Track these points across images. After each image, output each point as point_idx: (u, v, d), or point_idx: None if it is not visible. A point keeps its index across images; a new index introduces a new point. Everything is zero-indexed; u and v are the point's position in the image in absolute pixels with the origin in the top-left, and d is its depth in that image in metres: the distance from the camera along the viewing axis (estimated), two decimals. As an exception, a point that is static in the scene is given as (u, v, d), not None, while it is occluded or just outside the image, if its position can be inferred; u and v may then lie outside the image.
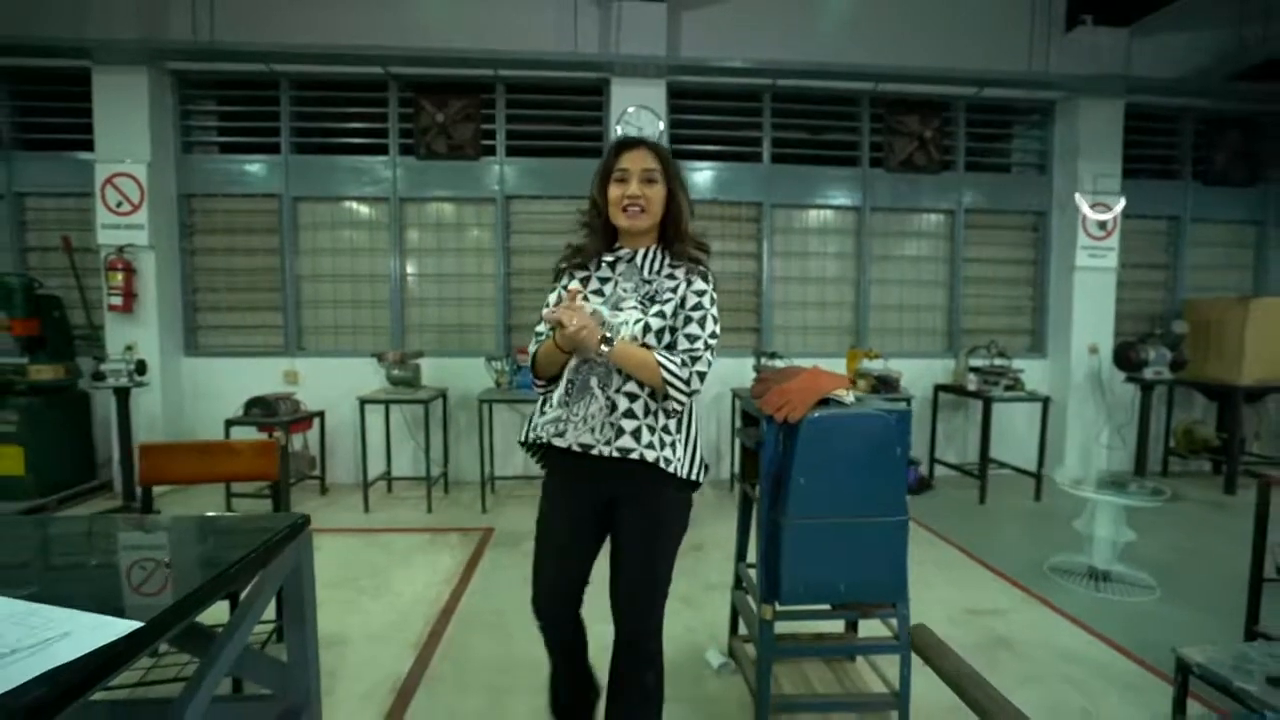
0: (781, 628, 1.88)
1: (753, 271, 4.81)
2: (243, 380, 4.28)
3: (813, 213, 4.88)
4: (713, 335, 1.46)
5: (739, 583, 2.23)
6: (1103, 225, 4.75)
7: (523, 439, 1.56)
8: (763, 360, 4.32)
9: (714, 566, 3.05)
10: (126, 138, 4.21)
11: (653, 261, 1.53)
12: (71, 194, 4.34)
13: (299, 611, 1.31)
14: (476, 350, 4.50)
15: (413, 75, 4.45)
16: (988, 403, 4.30)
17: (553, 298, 1.54)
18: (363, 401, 3.95)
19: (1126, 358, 4.46)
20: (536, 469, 1.60)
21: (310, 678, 1.31)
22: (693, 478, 1.51)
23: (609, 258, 1.54)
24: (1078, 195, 4.76)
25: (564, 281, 1.56)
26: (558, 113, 4.61)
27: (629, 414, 1.43)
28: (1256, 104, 4.93)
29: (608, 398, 1.43)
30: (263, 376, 4.36)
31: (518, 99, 4.57)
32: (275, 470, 2.02)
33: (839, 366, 4.33)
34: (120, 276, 4.12)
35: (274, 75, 4.42)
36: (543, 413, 1.52)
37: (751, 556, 2.05)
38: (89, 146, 4.23)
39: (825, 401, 1.78)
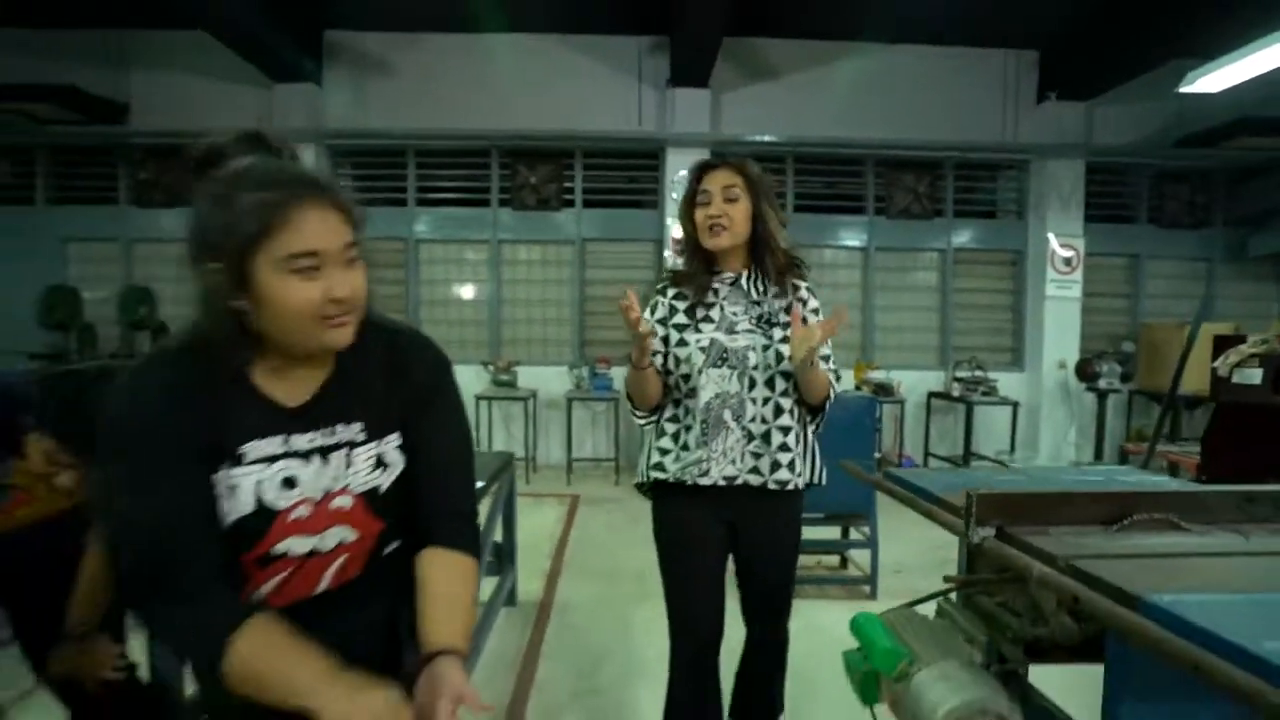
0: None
1: (778, 299, 5.93)
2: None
3: (829, 252, 6.00)
4: (830, 348, 1.51)
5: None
6: (1068, 262, 5.78)
7: (643, 480, 1.56)
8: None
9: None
10: (297, 196, 5.51)
11: (756, 281, 1.52)
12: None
13: (510, 517, 2.49)
14: (557, 360, 5.69)
15: (510, 145, 5.71)
16: (969, 406, 5.35)
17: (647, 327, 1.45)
18: (477, 398, 5.15)
19: (1085, 371, 5.46)
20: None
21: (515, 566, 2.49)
22: (818, 483, 1.58)
23: (714, 284, 1.53)
24: (1050, 236, 5.80)
25: (658, 314, 1.55)
26: (623, 174, 5.83)
27: (783, 447, 1.46)
28: (1199, 162, 5.92)
29: (743, 429, 1.45)
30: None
31: (592, 162, 5.80)
32: (474, 432, 3.21)
33: (847, 376, 5.41)
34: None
35: (403, 146, 5.71)
36: (663, 451, 1.50)
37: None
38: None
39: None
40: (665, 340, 1.50)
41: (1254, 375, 2.15)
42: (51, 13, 5.25)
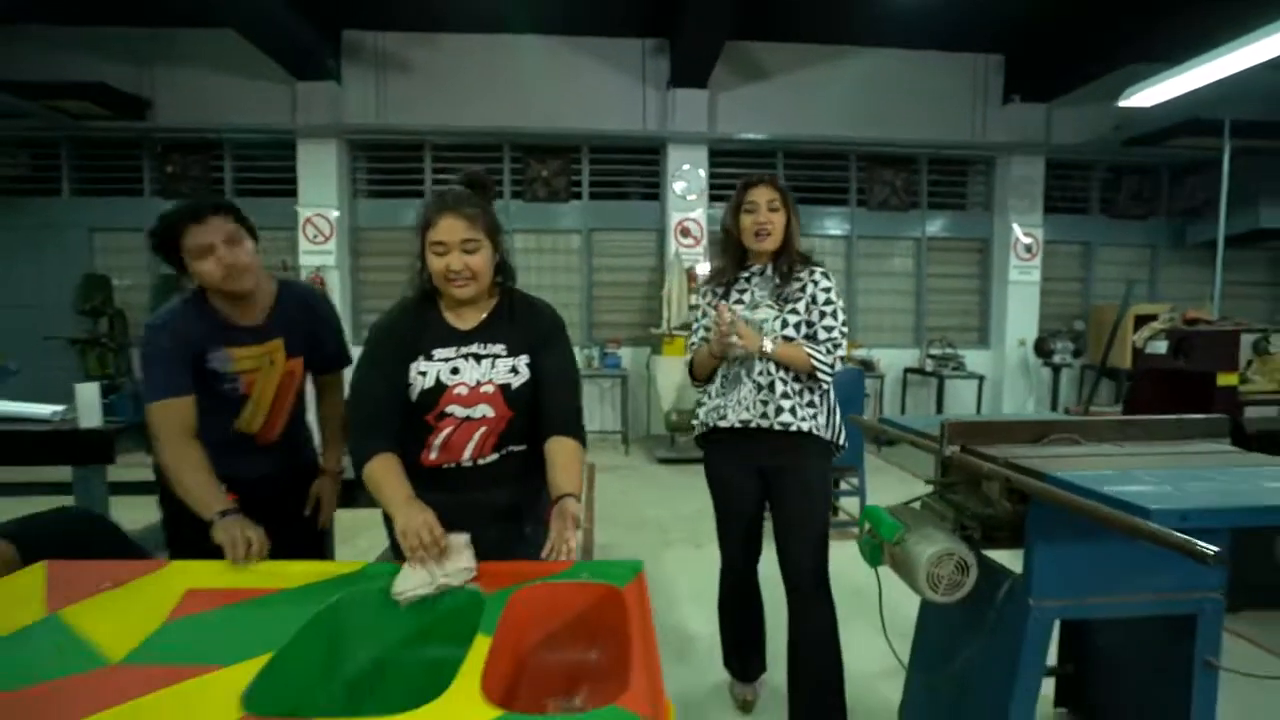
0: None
1: (769, 284, 6.46)
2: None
3: (815, 240, 6.53)
4: (844, 324, 1.81)
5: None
6: (1029, 249, 6.40)
7: (696, 435, 1.96)
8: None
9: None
10: (320, 189, 5.86)
11: (778, 270, 1.86)
12: (282, 228, 5.96)
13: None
14: (567, 342, 6.14)
15: (521, 141, 6.10)
16: (940, 380, 5.96)
17: (708, 320, 1.88)
18: (497, 377, 5.58)
19: (1042, 348, 6.11)
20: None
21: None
22: (838, 441, 1.85)
23: (745, 274, 1.91)
24: (1014, 225, 6.40)
25: (708, 299, 1.95)
26: (627, 167, 6.27)
27: (785, 394, 1.77)
28: (1145, 159, 6.56)
29: (754, 382, 1.80)
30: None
31: (598, 157, 6.23)
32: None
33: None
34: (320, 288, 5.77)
35: (420, 141, 6.07)
36: (699, 405, 1.91)
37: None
38: (292, 194, 5.88)
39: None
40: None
41: (1160, 346, 2.72)
42: (82, 10, 5.48)
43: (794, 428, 1.76)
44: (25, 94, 5.17)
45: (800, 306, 1.80)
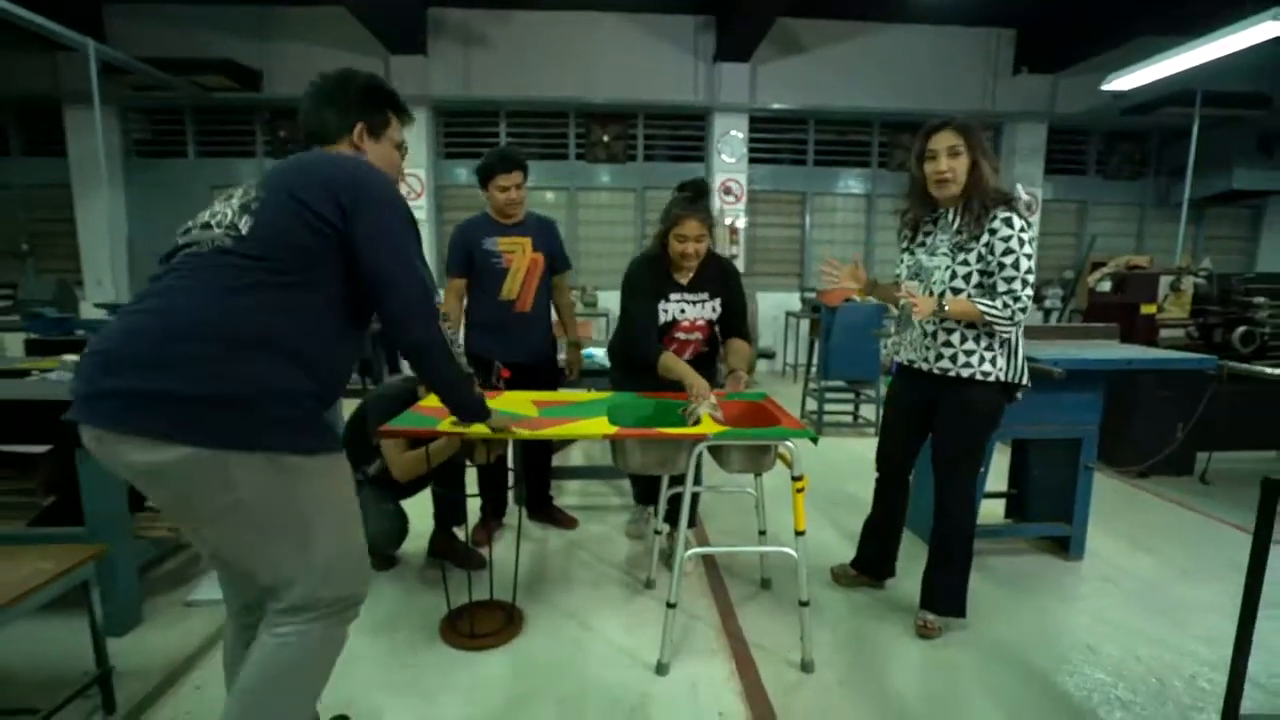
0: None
1: (798, 237, 7.39)
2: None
3: (838, 198, 7.40)
4: (1028, 271, 1.78)
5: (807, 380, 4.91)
6: (1029, 206, 7.25)
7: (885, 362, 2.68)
8: (804, 293, 6.94)
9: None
10: (412, 151, 6.74)
11: (960, 216, 1.87)
12: (380, 187, 6.91)
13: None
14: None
15: (586, 110, 6.94)
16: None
17: (901, 269, 2.08)
18: (568, 315, 6.60)
19: (1035, 295, 7.03)
20: None
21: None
22: (1011, 379, 1.91)
23: (933, 215, 1.98)
24: (1018, 185, 7.22)
25: (902, 244, 2.10)
26: (678, 131, 7.11)
27: (947, 344, 1.91)
28: (1139, 126, 7.31)
29: (920, 326, 1.96)
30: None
31: (651, 124, 7.07)
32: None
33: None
34: (414, 239, 6.74)
35: (496, 108, 6.92)
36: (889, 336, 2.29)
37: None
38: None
39: (847, 300, 4.42)
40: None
41: (1107, 285, 3.67)
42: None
43: (951, 373, 1.91)
44: (169, 69, 6.04)
45: (972, 257, 1.83)
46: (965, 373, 1.90)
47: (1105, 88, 5.27)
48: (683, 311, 2.39)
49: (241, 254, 1.13)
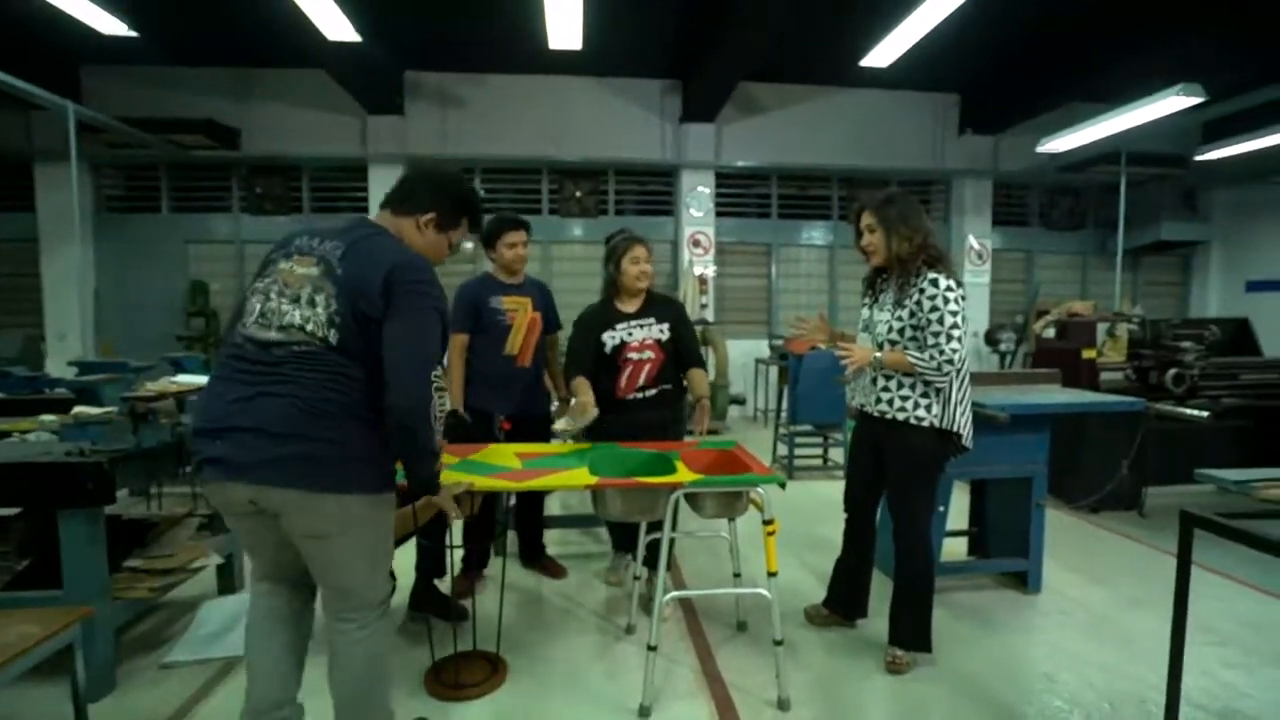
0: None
1: (765, 287, 7.68)
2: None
3: (802, 249, 7.74)
4: (953, 326, 1.98)
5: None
6: (980, 255, 7.68)
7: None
8: (772, 341, 7.17)
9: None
10: (388, 206, 6.90)
11: (898, 276, 2.12)
12: (356, 241, 7.02)
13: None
14: (597, 335, 7.29)
15: (559, 167, 7.21)
16: (907, 365, 7.21)
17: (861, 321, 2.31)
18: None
19: (990, 338, 7.39)
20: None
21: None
22: (946, 427, 2.07)
23: (884, 276, 2.22)
24: (969, 236, 7.67)
25: (863, 299, 2.33)
26: (647, 187, 7.42)
27: (885, 389, 2.12)
28: (1074, 181, 7.87)
29: (870, 374, 2.16)
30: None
31: (623, 179, 7.37)
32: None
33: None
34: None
35: (472, 165, 7.15)
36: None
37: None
38: (365, 212, 6.92)
39: (812, 349, 4.63)
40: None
41: (1052, 332, 3.93)
42: (191, 52, 6.45)
43: (889, 416, 2.11)
44: (148, 129, 6.14)
45: (905, 313, 2.07)
46: (900, 416, 2.09)
47: (1040, 149, 5.71)
48: (630, 334, 2.59)
49: (336, 355, 1.43)
